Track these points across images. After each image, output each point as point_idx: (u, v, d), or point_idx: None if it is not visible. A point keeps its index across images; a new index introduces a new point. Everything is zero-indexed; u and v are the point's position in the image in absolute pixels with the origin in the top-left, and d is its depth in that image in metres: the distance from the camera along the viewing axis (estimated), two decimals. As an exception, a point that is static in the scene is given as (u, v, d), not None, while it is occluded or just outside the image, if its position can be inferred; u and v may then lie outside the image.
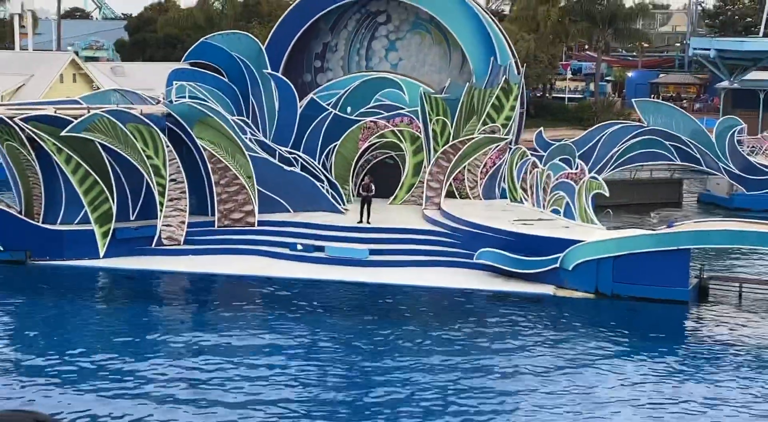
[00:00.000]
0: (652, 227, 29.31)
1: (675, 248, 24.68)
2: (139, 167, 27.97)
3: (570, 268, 25.36)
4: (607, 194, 31.60)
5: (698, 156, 38.28)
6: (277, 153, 30.75)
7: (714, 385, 19.25)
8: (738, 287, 25.89)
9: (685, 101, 70.69)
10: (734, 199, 39.57)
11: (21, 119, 27.01)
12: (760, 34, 62.96)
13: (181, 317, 23.71)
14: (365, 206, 28.95)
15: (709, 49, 55.65)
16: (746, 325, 23.28)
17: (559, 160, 33.21)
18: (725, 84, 59.70)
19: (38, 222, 28.28)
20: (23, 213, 28.75)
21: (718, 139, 38.50)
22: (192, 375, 19.18)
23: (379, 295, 25.69)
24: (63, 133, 26.90)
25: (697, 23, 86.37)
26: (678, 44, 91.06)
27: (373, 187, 29.33)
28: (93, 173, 27.62)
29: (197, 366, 19.69)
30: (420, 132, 31.65)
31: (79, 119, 27.06)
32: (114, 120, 27.35)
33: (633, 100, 44.82)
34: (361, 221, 28.93)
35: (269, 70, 32.44)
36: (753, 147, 42.25)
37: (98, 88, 43.36)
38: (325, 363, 20.11)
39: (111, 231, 27.88)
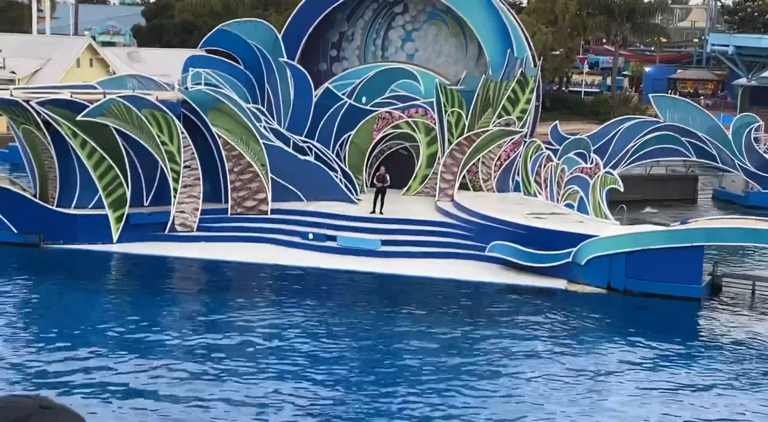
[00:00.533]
0: (666, 223, 29.18)
1: (688, 245, 24.57)
2: (153, 153, 28.02)
3: (582, 263, 25.28)
4: (622, 189, 31.46)
5: (714, 153, 38.04)
6: (291, 141, 30.75)
7: (725, 382, 19.17)
8: (751, 285, 25.76)
9: (702, 97, 70.31)
10: (749, 197, 39.35)
11: (37, 102, 27.09)
12: (780, 31, 62.53)
13: (191, 303, 23.77)
14: (379, 196, 28.94)
15: (727, 46, 55.28)
16: (759, 323, 23.17)
17: (574, 154, 33.07)
18: (743, 81, 59.30)
19: (53, 205, 28.38)
20: (38, 196, 28.87)
21: (735, 136, 38.26)
22: (198, 360, 19.23)
23: (390, 286, 25.68)
24: (79, 118, 26.96)
25: (716, 19, 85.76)
26: (696, 40, 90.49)
27: (388, 178, 29.32)
28: (108, 158, 27.68)
29: (206, 352, 19.75)
30: (435, 123, 31.58)
31: (95, 104, 27.10)
32: (130, 105, 27.39)
33: (650, 95, 44.55)
34: (374, 211, 28.91)
35: (285, 59, 32.41)
36: (770, 145, 41.97)
37: (114, 73, 43.45)
38: (334, 353, 20.13)
39: (125, 217, 27.97)
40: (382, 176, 29.33)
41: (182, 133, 28.16)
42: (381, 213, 28.86)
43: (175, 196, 28.35)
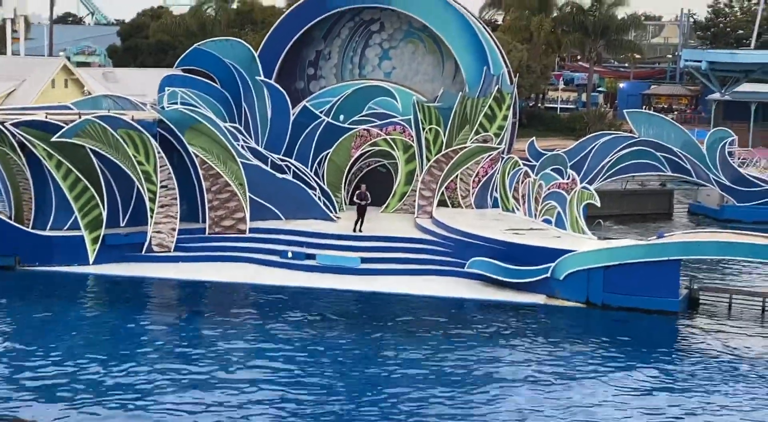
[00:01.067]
0: (643, 237, 29.34)
1: (665, 259, 24.73)
2: (129, 173, 27.90)
3: (561, 278, 25.38)
4: (599, 204, 31.61)
5: (689, 167, 38.41)
6: (269, 160, 30.73)
7: (702, 396, 19.25)
8: (728, 298, 25.95)
9: (676, 112, 70.94)
10: (724, 211, 39.69)
11: (12, 124, 26.93)
12: (752, 47, 63.25)
13: (169, 324, 23.58)
14: (361, 214, 28.97)
15: (700, 61, 55.84)
16: (735, 336, 23.30)
17: (551, 170, 33.24)
18: (716, 96, 59.88)
19: (28, 227, 28.16)
20: (13, 218, 28.64)
21: (709, 150, 38.65)
22: (178, 382, 19.08)
23: (370, 304, 25.64)
24: (54, 139, 26.82)
25: (689, 35, 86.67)
26: (670, 56, 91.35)
27: (369, 196, 29.37)
28: (83, 179, 27.53)
29: (184, 373, 19.60)
30: (412, 140, 31.67)
31: (70, 124, 26.98)
32: (105, 125, 27.28)
33: (625, 111, 44.92)
34: (355, 229, 28.92)
35: (262, 77, 32.44)
36: (744, 159, 42.39)
37: (90, 94, 43.23)
38: (314, 372, 20.04)
39: (101, 238, 27.79)
40: (363, 194, 29.35)
41: (159, 152, 28.06)
42: (356, 229, 28.87)
43: (151, 217, 28.21)
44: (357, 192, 29.70)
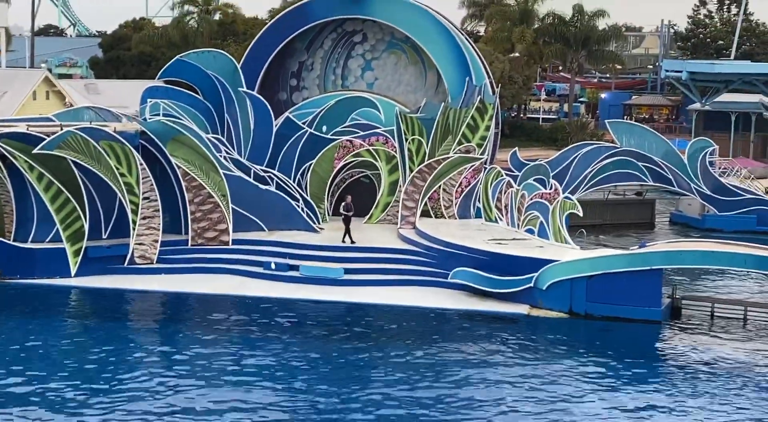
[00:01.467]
0: (626, 247, 29.47)
1: (647, 268, 24.84)
2: (112, 185, 27.79)
3: (544, 288, 25.45)
4: (581, 214, 31.76)
5: (670, 177, 38.64)
6: (252, 171, 30.69)
7: (685, 404, 19.32)
8: (710, 307, 26.09)
9: (657, 122, 71.36)
10: (706, 220, 39.92)
11: (-7, 136, 26.77)
12: (732, 57, 63.80)
13: (151, 337, 23.48)
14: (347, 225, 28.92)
15: (681, 71, 56.23)
16: (718, 345, 23.42)
17: (534, 180, 33.36)
18: (697, 106, 60.30)
19: (9, 240, 27.98)
20: (-6, 230, 28.45)
21: (690, 160, 38.91)
22: (161, 395, 18.99)
23: (353, 315, 25.62)
24: (35, 151, 26.70)
25: (670, 46, 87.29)
26: (650, 66, 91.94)
27: (352, 206, 29.35)
28: (65, 191, 27.40)
29: (167, 386, 19.50)
30: (395, 151, 31.72)
31: (52, 136, 26.88)
32: (87, 137, 27.19)
33: (606, 121, 45.18)
34: (344, 240, 28.85)
35: (245, 89, 32.42)
36: (724, 168, 42.68)
37: (71, 106, 43.05)
38: (298, 384, 19.99)
39: (83, 250, 27.65)
40: (348, 205, 29.30)
41: (141, 164, 27.98)
42: (351, 241, 28.74)
43: (134, 228, 28.10)
44: (342, 203, 29.66)
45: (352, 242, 28.85)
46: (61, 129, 27.29)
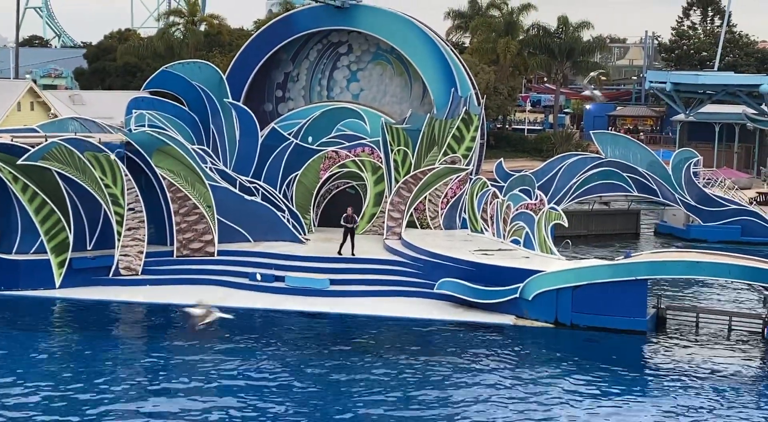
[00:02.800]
0: (611, 257, 29.56)
1: (632, 278, 24.91)
2: (96, 196, 27.69)
3: (530, 298, 25.48)
4: (566, 224, 31.86)
5: (655, 187, 38.81)
6: (237, 182, 30.64)
7: (671, 414, 19.36)
8: (695, 317, 26.17)
9: (641, 134, 71.70)
10: (690, 230, 40.09)
11: (-24, 147, 26.63)
12: (715, 68, 64.14)
13: (137, 349, 23.34)
14: (348, 237, 28.69)
15: (665, 82, 56.47)
16: (703, 355, 23.49)
17: (519, 191, 33.46)
18: (681, 117, 60.62)
19: (-7, 251, 27.83)
20: (-23, 242, 28.26)
21: (675, 170, 39.12)
22: (144, 406, 18.89)
23: (339, 326, 25.57)
24: (19, 162, 26.60)
25: (654, 57, 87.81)
26: (635, 77, 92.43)
27: (357, 218, 29.22)
28: (50, 202, 27.28)
29: (151, 397, 19.40)
30: (381, 162, 31.75)
31: (36, 147, 26.77)
32: (72, 148, 27.09)
33: (591, 132, 45.36)
34: (341, 251, 28.74)
35: (230, 100, 32.41)
36: (709, 179, 42.91)
37: (56, 117, 42.91)
38: (281, 394, 19.92)
39: (67, 261, 27.51)
40: (349, 217, 29.10)
41: (126, 175, 27.90)
42: (352, 253, 28.63)
43: (119, 240, 27.99)
44: (344, 215, 29.30)
45: (353, 254, 28.67)
46: (46, 140, 27.19)
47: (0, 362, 21.80)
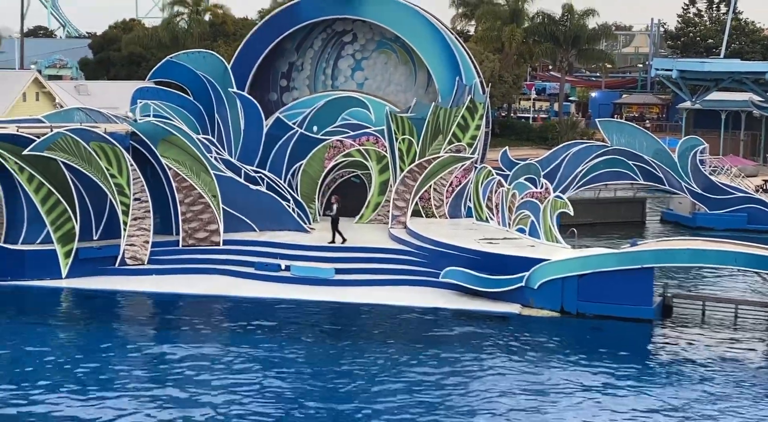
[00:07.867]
0: (616, 246, 29.54)
1: (638, 267, 24.89)
2: (102, 186, 27.74)
3: (535, 287, 25.48)
4: (572, 213, 31.80)
5: (661, 175, 38.73)
6: (242, 172, 30.67)
7: (677, 402, 19.37)
8: (701, 305, 26.16)
9: (647, 121, 71.54)
10: (696, 218, 40.03)
11: (-18, 137, 26.68)
12: (721, 56, 63.94)
13: (143, 338, 23.41)
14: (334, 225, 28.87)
15: (671, 70, 56.36)
16: (709, 343, 23.50)
17: (524, 179, 33.39)
18: (687, 104, 60.44)
19: (0, 242, 27.86)
20: (-16, 232, 28.35)
21: (681, 158, 39.02)
22: (152, 395, 18.96)
23: (345, 314, 25.61)
24: (25, 152, 26.65)
25: (660, 44, 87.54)
26: (640, 65, 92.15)
27: (335, 207, 29.26)
28: (56, 192, 27.34)
29: (160, 388, 19.47)
30: (386, 151, 31.73)
31: (42, 138, 26.82)
32: (77, 138, 27.14)
33: (596, 120, 45.26)
34: (344, 240, 28.80)
35: (235, 89, 32.41)
36: (715, 167, 42.81)
37: (61, 107, 42.96)
38: (287, 383, 19.98)
39: (74, 251, 27.58)
40: (331, 205, 29.21)
41: (131, 165, 27.94)
42: (342, 240, 28.72)
43: (125, 229, 28.06)
44: (326, 203, 29.40)
45: (343, 240, 28.79)
46: (51, 130, 27.23)
47: (7, 352, 21.90)
